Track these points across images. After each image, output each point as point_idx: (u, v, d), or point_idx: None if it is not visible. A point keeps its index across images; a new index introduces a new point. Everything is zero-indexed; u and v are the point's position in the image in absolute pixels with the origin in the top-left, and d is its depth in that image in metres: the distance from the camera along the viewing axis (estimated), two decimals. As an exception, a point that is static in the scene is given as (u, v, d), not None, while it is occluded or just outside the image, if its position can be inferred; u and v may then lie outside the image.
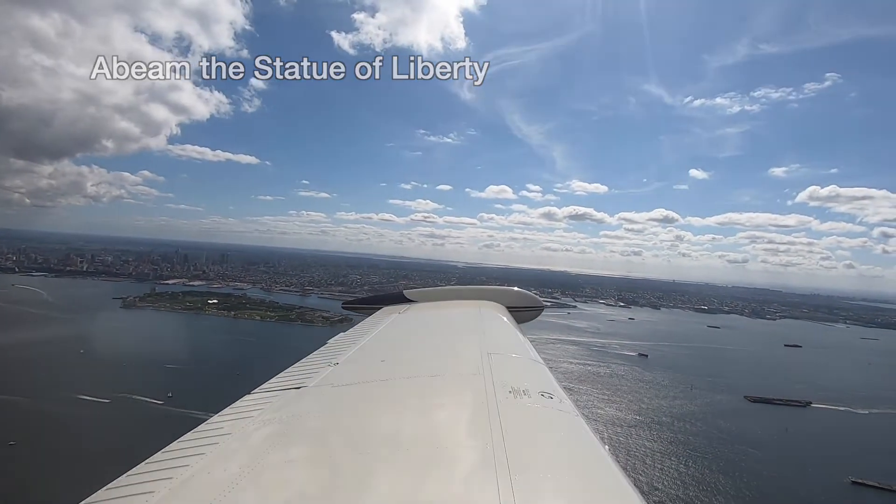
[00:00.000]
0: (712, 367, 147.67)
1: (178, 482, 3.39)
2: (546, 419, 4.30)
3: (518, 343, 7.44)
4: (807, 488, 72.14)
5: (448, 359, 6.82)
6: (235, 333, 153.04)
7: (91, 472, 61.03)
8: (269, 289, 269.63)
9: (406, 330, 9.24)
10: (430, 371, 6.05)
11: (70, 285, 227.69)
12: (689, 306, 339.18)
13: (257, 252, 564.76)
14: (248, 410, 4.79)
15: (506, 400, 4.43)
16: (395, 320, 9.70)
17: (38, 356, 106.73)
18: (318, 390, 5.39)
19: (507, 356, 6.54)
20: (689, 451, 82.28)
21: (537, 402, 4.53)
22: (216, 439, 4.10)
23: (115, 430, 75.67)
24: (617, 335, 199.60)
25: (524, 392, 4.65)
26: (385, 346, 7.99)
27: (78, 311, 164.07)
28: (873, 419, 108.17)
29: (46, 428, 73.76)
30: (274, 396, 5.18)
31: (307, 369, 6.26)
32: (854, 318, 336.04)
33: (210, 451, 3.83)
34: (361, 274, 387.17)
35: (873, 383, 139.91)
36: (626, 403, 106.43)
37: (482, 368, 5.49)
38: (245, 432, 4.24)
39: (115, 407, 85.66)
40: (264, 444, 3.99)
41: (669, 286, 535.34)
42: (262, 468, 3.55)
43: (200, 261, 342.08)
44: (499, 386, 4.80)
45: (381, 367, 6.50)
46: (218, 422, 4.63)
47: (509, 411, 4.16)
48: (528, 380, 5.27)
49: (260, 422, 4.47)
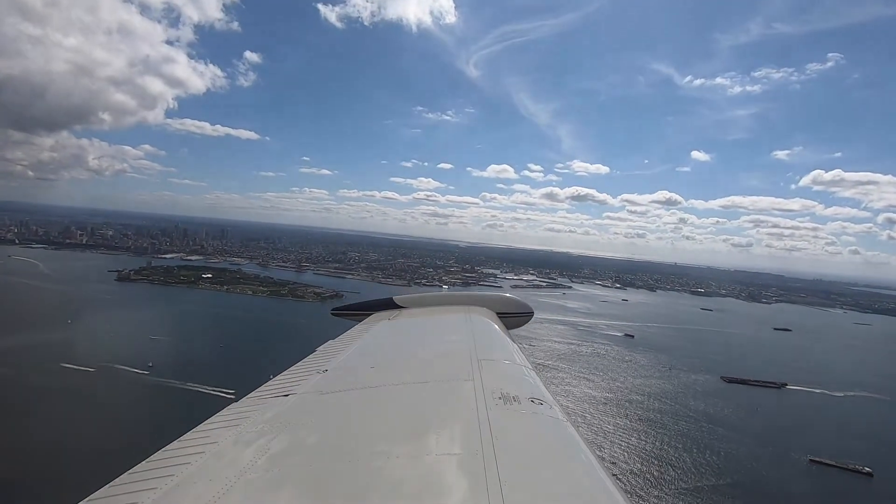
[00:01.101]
0: (696, 349, 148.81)
1: (162, 492, 3.36)
2: (536, 425, 4.33)
3: (508, 349, 7.38)
4: (764, 465, 73.57)
5: (438, 365, 6.75)
6: (224, 307, 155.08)
7: (64, 438, 63.41)
8: (265, 264, 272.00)
9: (396, 336, 9.27)
10: (420, 378, 5.99)
11: (68, 258, 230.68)
12: (686, 289, 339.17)
13: (261, 228, 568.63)
14: (235, 418, 4.75)
15: (496, 406, 4.46)
16: (385, 327, 9.68)
17: (25, 326, 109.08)
18: (307, 397, 5.35)
19: (497, 362, 6.54)
20: (653, 429, 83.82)
21: (527, 408, 4.54)
22: (202, 448, 4.05)
23: (95, 397, 78.50)
24: (607, 316, 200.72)
25: (514, 398, 4.67)
26: (374, 353, 8.01)
27: (72, 283, 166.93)
28: (847, 402, 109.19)
29: (25, 396, 76.27)
30: (262, 404, 5.15)
31: (296, 376, 6.18)
32: (852, 303, 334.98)
33: (195, 461, 3.81)
34: (361, 251, 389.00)
35: (856, 368, 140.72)
36: (601, 382, 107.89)
37: (472, 375, 5.49)
38: (232, 441, 4.20)
39: (99, 376, 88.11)
40: (251, 453, 3.90)
41: (671, 269, 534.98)
42: (249, 477, 3.50)
43: (200, 236, 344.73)
44: (489, 392, 4.82)
45: (370, 373, 6.42)
46: (204, 430, 4.56)
47: (499, 417, 4.21)
48: (518, 386, 5.30)
49: (247, 430, 4.43)
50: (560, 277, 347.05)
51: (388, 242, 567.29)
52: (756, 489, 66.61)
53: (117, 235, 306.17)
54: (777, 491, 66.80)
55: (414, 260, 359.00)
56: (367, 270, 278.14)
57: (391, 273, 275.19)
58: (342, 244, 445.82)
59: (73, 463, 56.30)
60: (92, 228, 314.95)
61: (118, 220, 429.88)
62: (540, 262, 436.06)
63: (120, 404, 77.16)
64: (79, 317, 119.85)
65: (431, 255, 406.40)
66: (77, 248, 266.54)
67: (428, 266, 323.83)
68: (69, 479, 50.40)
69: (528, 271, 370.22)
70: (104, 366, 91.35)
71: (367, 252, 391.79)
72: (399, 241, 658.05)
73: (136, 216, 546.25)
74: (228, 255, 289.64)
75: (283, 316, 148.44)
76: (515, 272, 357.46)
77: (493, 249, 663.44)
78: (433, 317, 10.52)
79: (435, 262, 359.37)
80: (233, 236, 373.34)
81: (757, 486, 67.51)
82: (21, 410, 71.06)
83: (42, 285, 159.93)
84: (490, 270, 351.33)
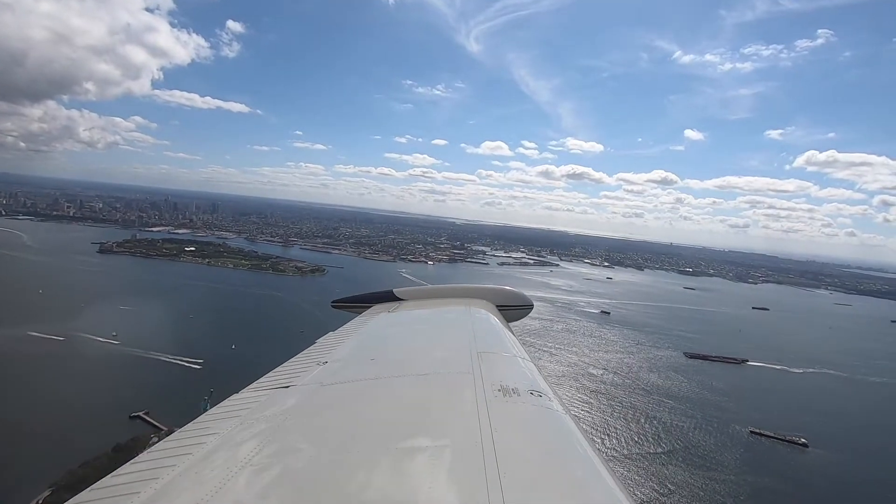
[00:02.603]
0: (669, 325, 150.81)
1: (164, 482, 3.38)
2: (535, 418, 4.38)
3: (508, 342, 7.39)
4: (703, 435, 75.89)
5: (437, 358, 6.74)
6: (201, 280, 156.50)
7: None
8: (253, 239, 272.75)
9: (395, 329, 9.25)
10: (420, 370, 6.02)
11: (55, 230, 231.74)
12: (674, 268, 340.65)
13: (256, 203, 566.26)
14: (235, 410, 4.78)
15: (495, 399, 4.49)
16: (384, 319, 9.64)
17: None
18: (306, 389, 5.36)
19: (496, 355, 6.55)
20: (603, 400, 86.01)
21: (527, 400, 4.58)
22: (203, 439, 4.09)
23: (57, 366, 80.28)
24: (588, 293, 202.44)
25: (514, 391, 4.71)
26: (374, 345, 7.99)
27: (53, 254, 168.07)
28: (805, 378, 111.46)
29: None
30: (261, 396, 5.18)
31: (295, 368, 6.19)
32: (838, 284, 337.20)
33: (197, 451, 3.85)
34: (353, 227, 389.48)
35: (822, 346, 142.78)
36: (565, 356, 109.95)
37: (472, 367, 5.52)
38: (232, 432, 4.24)
39: (64, 344, 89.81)
40: (251, 444, 3.93)
41: (665, 249, 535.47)
42: (250, 467, 3.53)
43: (190, 210, 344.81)
44: (488, 385, 4.85)
45: (369, 366, 6.44)
46: (204, 421, 4.58)
47: (499, 410, 4.24)
48: (517, 378, 5.34)
49: (247, 421, 4.47)
50: (549, 255, 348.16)
51: (382, 219, 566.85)
52: (691, 457, 68.99)
53: (106, 208, 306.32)
54: (711, 459, 69.24)
55: (405, 236, 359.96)
56: (355, 246, 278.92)
57: (379, 249, 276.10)
58: (335, 220, 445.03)
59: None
60: (81, 201, 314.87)
61: (112, 192, 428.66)
62: (533, 241, 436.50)
63: (81, 372, 79.06)
64: (52, 287, 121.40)
65: (424, 232, 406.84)
66: (64, 220, 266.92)
67: (418, 243, 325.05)
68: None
69: (518, 249, 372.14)
70: (70, 334, 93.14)
71: (358, 228, 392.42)
72: (395, 217, 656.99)
73: (130, 189, 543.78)
74: (217, 229, 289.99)
75: (258, 289, 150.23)
76: (506, 250, 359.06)
77: (489, 227, 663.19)
78: (433, 309, 10.48)
79: (426, 238, 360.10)
80: (224, 211, 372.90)
81: (692, 454, 69.89)
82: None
83: (21, 256, 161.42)
84: (480, 248, 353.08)
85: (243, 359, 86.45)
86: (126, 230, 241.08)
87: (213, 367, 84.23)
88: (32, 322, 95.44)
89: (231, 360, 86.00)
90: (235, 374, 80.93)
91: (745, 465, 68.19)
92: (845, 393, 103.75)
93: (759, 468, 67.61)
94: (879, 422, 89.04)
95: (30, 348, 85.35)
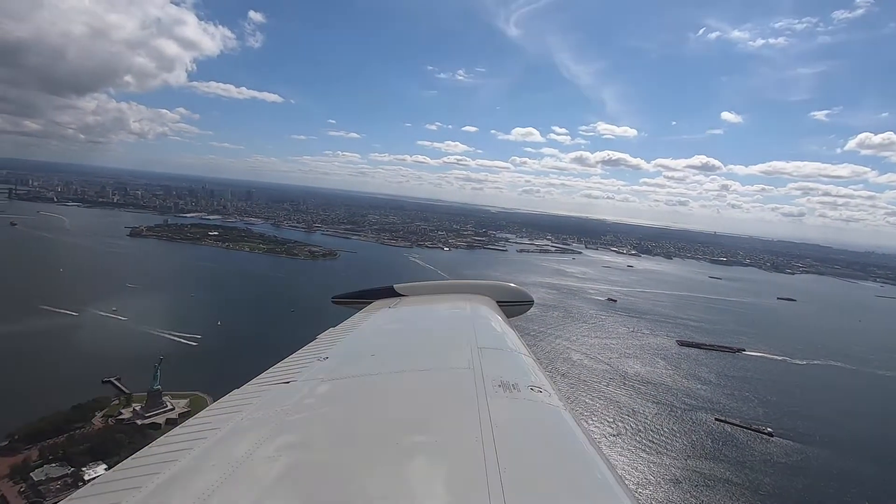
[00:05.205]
0: (674, 314, 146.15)
1: (165, 477, 3.42)
2: (535, 413, 4.40)
3: (508, 338, 7.40)
4: (669, 420, 74.42)
5: (438, 353, 6.80)
6: (213, 261, 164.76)
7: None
8: (279, 224, 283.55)
9: (396, 324, 9.28)
10: (420, 366, 6.08)
11: (96, 215, 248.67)
12: (706, 257, 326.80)
13: (297, 192, 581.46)
14: (236, 405, 4.82)
15: (495, 394, 4.50)
16: (385, 315, 9.64)
17: (21, 273, 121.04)
18: (307, 385, 5.38)
19: (497, 351, 6.59)
20: (576, 385, 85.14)
21: (527, 395, 4.60)
22: (204, 434, 4.15)
23: (62, 336, 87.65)
24: (601, 281, 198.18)
25: (514, 386, 4.73)
26: (375, 341, 8.00)
27: (87, 236, 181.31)
28: (805, 369, 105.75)
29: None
30: (262, 391, 5.21)
31: (296, 364, 6.25)
32: (891, 276, 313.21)
33: (198, 446, 3.91)
34: (381, 215, 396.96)
35: (839, 338, 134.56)
36: (552, 340, 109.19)
37: (472, 363, 5.53)
38: (233, 427, 4.29)
39: (74, 318, 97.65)
40: (252, 439, 3.99)
41: (708, 238, 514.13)
42: (251, 463, 3.57)
43: (225, 196, 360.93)
44: (489, 380, 4.86)
45: (370, 361, 6.46)
46: (206, 416, 4.65)
47: (499, 405, 4.26)
48: (517, 374, 5.37)
49: (248, 416, 4.51)
50: (575, 244, 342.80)
51: (415, 206, 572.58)
52: (651, 440, 68.22)
53: (146, 195, 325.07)
54: (669, 441, 68.22)
55: (432, 223, 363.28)
56: (377, 232, 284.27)
57: (399, 235, 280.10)
58: (368, 207, 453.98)
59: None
60: (126, 188, 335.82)
61: (160, 181, 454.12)
62: (563, 229, 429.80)
63: (75, 342, 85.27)
64: (73, 266, 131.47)
65: (451, 220, 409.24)
66: (108, 206, 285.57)
67: (442, 229, 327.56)
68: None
69: (544, 236, 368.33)
70: (77, 308, 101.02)
71: (387, 215, 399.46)
72: (428, 205, 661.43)
73: (177, 178, 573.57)
74: (247, 215, 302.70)
75: (266, 270, 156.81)
76: (531, 237, 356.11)
77: (522, 215, 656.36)
78: (433, 305, 10.46)
79: (451, 226, 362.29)
80: (258, 198, 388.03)
81: (652, 437, 69.05)
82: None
83: (57, 238, 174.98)
84: (505, 235, 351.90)
85: (229, 334, 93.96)
86: (162, 216, 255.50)
87: (202, 342, 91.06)
88: (46, 298, 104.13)
89: (220, 336, 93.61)
90: (215, 345, 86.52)
91: (697, 449, 66.70)
92: (845, 385, 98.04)
93: (715, 455, 65.93)
94: (863, 412, 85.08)
95: (37, 321, 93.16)
